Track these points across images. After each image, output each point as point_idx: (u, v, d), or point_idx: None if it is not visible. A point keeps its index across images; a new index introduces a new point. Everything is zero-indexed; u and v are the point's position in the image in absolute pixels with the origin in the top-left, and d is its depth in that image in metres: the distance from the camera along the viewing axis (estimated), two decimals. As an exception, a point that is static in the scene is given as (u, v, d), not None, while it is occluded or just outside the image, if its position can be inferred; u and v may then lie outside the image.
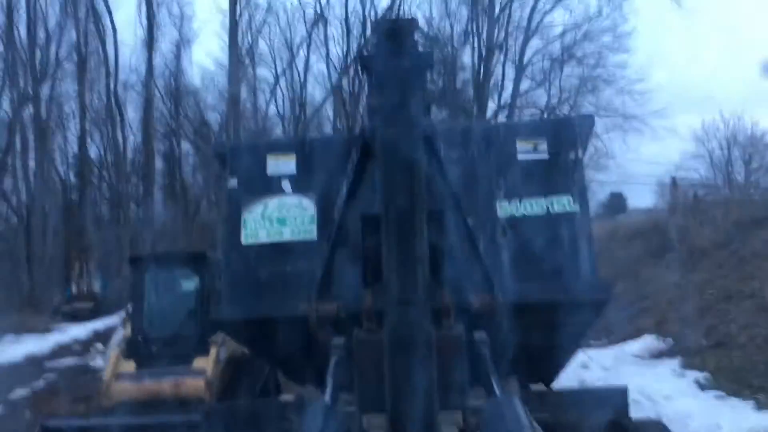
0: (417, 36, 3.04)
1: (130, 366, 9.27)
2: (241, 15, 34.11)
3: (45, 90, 31.86)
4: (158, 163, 36.09)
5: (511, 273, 4.41)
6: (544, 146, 4.64)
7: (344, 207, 4.27)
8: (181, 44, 35.33)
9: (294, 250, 4.66)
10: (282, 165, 4.76)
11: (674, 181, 27.32)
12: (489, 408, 3.22)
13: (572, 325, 4.53)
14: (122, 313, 12.09)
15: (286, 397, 4.75)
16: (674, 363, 12.51)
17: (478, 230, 4.34)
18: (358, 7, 34.28)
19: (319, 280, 4.30)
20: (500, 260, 4.44)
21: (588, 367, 12.48)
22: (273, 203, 4.71)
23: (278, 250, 4.68)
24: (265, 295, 4.63)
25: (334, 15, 35.14)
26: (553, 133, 4.75)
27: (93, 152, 35.50)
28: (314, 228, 4.65)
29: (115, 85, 34.52)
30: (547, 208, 4.55)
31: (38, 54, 31.74)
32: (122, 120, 34.86)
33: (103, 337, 18.05)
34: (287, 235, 4.67)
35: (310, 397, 4.20)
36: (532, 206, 4.56)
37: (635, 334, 15.15)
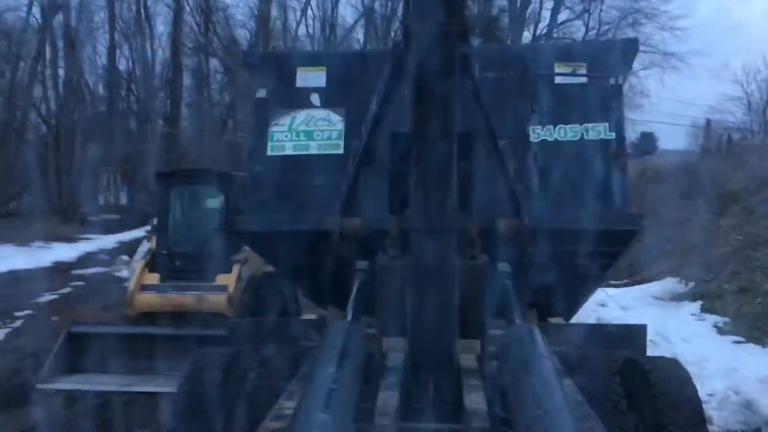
0: None
1: (154, 278, 9.43)
2: (275, -71, 33.16)
3: (75, -1, 31.46)
4: (186, 80, 35.93)
5: (541, 198, 4.30)
6: (583, 70, 4.43)
7: (373, 123, 4.17)
8: (213, -43, 34.48)
9: (320, 163, 4.58)
10: (312, 78, 4.63)
11: (709, 123, 26.65)
12: (508, 336, 3.19)
13: (599, 255, 4.43)
14: (147, 227, 12.24)
15: (309, 316, 4.79)
16: (695, 306, 12.45)
17: (509, 153, 4.22)
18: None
19: (344, 195, 4.25)
20: (530, 185, 4.32)
21: (606, 305, 12.47)
22: (301, 116, 4.61)
23: (304, 163, 4.60)
24: (290, 207, 4.58)
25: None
26: (594, 57, 4.53)
27: (122, 65, 35.40)
28: (341, 143, 4.55)
29: (145, -3, 34.04)
30: (582, 134, 4.39)
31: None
32: (151, 33, 34.56)
33: (129, 248, 18.35)
34: (314, 148, 4.58)
35: (332, 317, 4.22)
36: (567, 132, 4.40)
37: (657, 276, 15.05)
